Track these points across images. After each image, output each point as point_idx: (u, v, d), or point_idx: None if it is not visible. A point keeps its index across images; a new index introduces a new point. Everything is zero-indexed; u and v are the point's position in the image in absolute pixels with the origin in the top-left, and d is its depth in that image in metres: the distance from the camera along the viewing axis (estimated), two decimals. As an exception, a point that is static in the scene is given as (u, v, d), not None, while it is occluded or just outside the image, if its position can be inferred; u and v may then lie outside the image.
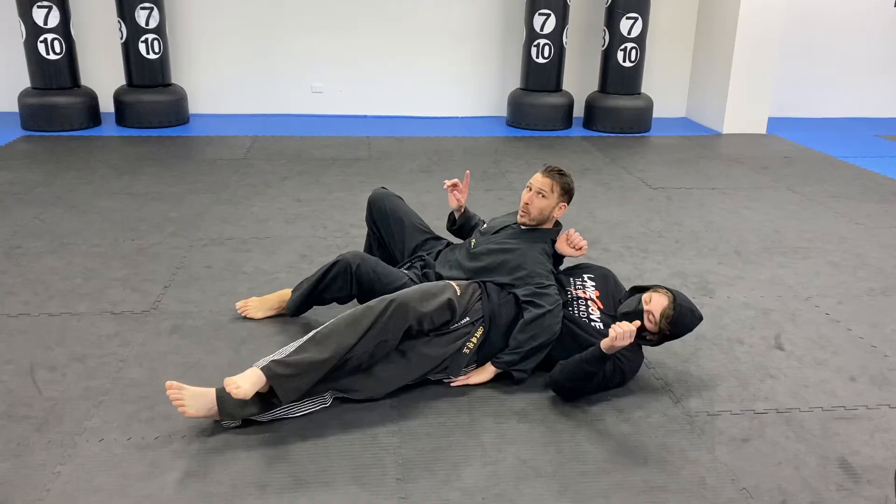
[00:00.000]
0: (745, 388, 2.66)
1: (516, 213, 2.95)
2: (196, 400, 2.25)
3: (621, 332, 2.35)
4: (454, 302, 2.54)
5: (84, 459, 2.16)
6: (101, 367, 2.65)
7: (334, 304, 2.97)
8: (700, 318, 2.64)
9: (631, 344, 2.52)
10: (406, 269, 3.01)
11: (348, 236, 4.03)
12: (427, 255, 3.08)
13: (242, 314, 3.06)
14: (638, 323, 2.42)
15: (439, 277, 2.88)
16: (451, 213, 3.25)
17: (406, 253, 3.14)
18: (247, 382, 2.23)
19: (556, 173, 2.86)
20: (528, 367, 2.62)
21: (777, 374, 2.77)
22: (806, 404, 2.58)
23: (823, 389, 2.68)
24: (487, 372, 2.63)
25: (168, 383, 2.25)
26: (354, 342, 2.33)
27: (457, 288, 2.63)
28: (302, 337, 2.42)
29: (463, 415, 2.45)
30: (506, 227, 2.95)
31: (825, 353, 2.94)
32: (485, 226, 3.06)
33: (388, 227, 3.18)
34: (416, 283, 2.84)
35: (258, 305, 3.07)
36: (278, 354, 2.35)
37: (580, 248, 2.88)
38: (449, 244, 3.15)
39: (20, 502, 1.99)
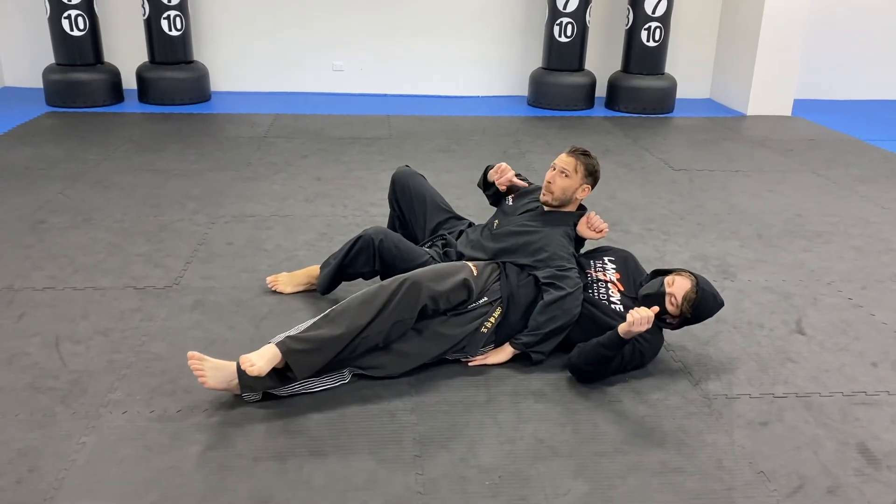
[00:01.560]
0: (765, 372, 2.65)
1: (540, 189, 2.94)
2: (217, 372, 2.28)
3: (639, 318, 2.34)
4: (470, 282, 2.55)
5: (108, 431, 2.20)
6: (124, 341, 2.70)
7: (360, 280, 2.99)
8: (721, 304, 2.63)
9: (651, 327, 2.52)
10: (427, 247, 3.02)
11: (367, 215, 4.04)
12: (448, 234, 3.08)
13: (272, 289, 3.10)
14: (656, 309, 2.41)
15: (461, 257, 2.89)
16: (486, 175, 3.14)
17: (427, 231, 3.15)
18: (261, 360, 2.25)
19: (581, 154, 2.84)
20: (547, 349, 2.62)
21: (797, 358, 2.75)
22: (826, 389, 2.56)
23: (844, 374, 2.66)
24: (505, 352, 2.64)
25: (190, 353, 2.28)
26: (368, 321, 2.35)
27: (473, 268, 2.64)
28: (319, 314, 2.44)
29: (480, 393, 2.46)
30: (529, 209, 2.94)
31: (847, 338, 2.92)
32: (509, 204, 3.05)
33: (410, 205, 3.18)
34: (438, 262, 2.85)
35: (287, 280, 3.11)
36: (293, 331, 2.38)
37: (600, 231, 2.86)
38: (471, 224, 3.14)
39: (47, 471, 2.03)
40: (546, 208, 2.89)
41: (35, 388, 2.40)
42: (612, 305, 2.65)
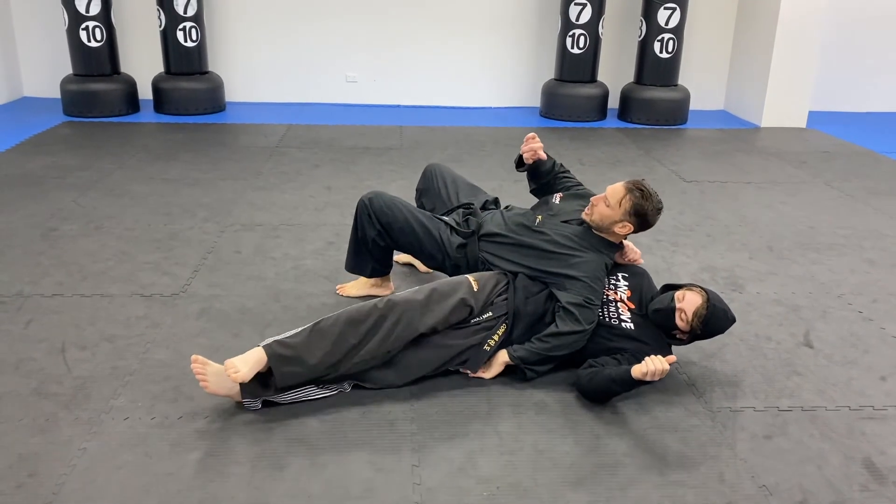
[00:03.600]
0: (771, 385, 2.62)
1: (589, 196, 2.83)
2: (219, 377, 2.29)
3: (652, 371, 2.27)
4: (469, 300, 2.51)
5: (109, 437, 2.22)
6: (129, 348, 2.71)
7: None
8: (733, 320, 2.58)
9: (660, 342, 2.52)
10: (446, 216, 3.00)
11: (376, 224, 4.05)
12: (473, 206, 3.02)
13: (340, 293, 3.19)
14: (673, 358, 2.32)
15: (478, 230, 2.83)
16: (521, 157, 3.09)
17: (454, 203, 3.10)
18: (246, 365, 2.27)
19: (636, 189, 2.61)
20: (541, 370, 2.59)
21: (804, 371, 2.72)
22: (832, 403, 2.53)
23: (852, 388, 2.62)
24: (498, 363, 2.59)
25: (193, 357, 2.29)
26: (356, 342, 2.36)
27: (474, 283, 2.58)
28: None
29: (482, 404, 2.45)
30: (576, 219, 2.76)
31: (856, 351, 2.88)
32: (556, 202, 2.88)
33: (437, 192, 3.15)
34: (452, 226, 2.88)
35: (354, 285, 3.19)
36: (285, 334, 2.39)
37: (633, 261, 2.82)
38: (497, 202, 3.10)
39: (47, 476, 2.04)
40: (593, 229, 2.73)
41: (39, 393, 2.42)
42: (623, 324, 2.60)
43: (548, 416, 2.40)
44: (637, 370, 2.32)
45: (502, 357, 2.60)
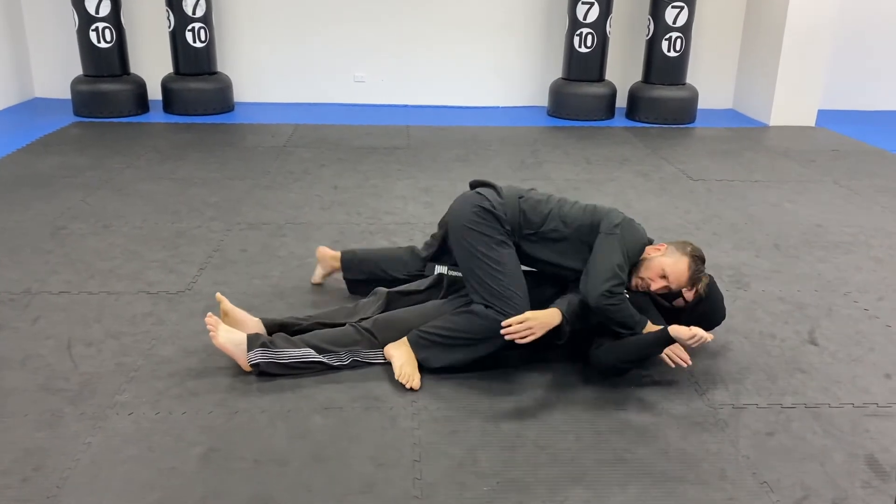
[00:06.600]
0: (774, 383, 2.61)
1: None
2: (228, 333, 2.49)
3: (700, 336, 2.35)
4: None
5: (114, 432, 2.24)
6: (134, 345, 2.74)
7: None
8: (722, 298, 2.75)
9: (658, 321, 2.60)
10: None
11: (381, 223, 4.07)
12: None
13: (314, 282, 3.28)
14: (711, 336, 2.43)
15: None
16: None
17: None
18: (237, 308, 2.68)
19: (704, 281, 2.67)
20: (577, 326, 2.56)
21: (808, 369, 2.71)
22: (836, 400, 2.52)
23: (856, 385, 2.61)
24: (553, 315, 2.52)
25: (209, 314, 2.53)
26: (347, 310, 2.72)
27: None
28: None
29: (482, 400, 2.46)
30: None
31: (861, 349, 2.87)
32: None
33: None
34: None
35: (320, 273, 3.27)
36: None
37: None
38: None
39: (52, 470, 2.07)
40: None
41: (46, 389, 2.45)
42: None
43: (550, 412, 2.41)
44: (679, 332, 2.37)
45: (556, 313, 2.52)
